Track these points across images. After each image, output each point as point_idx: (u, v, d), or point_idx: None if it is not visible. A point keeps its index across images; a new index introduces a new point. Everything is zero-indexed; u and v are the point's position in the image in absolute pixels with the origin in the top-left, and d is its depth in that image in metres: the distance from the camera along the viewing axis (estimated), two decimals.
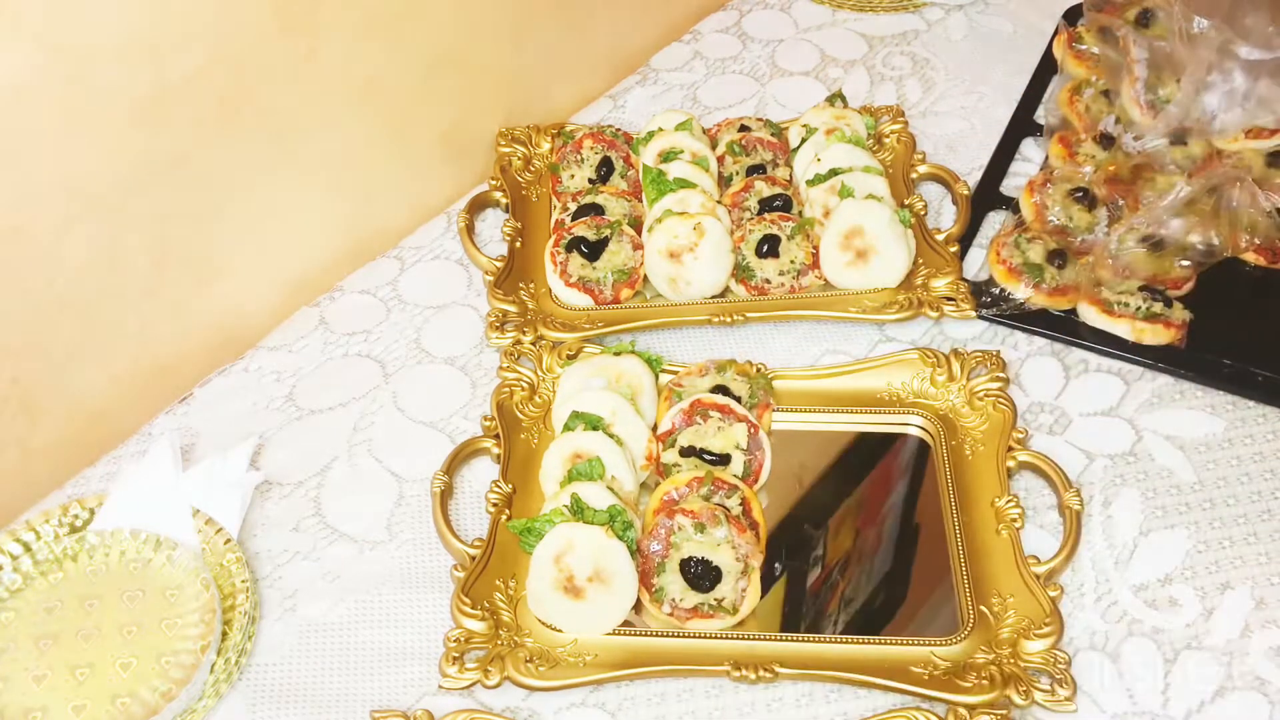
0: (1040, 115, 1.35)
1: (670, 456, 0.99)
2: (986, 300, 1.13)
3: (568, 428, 0.99)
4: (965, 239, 1.20)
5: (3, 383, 0.97)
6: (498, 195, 1.24)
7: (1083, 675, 0.89)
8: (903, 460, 1.05)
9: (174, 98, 0.97)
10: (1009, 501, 0.98)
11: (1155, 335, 1.09)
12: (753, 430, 0.99)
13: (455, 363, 1.12)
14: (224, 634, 0.89)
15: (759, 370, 1.08)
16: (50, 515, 0.95)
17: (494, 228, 1.24)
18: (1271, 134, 1.22)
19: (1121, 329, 1.10)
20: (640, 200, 1.20)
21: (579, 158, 1.25)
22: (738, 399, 1.02)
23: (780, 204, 1.18)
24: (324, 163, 1.14)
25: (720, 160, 1.25)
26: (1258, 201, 1.15)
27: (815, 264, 1.15)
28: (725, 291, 1.15)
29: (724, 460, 0.98)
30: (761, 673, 0.88)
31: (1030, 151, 1.31)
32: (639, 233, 1.17)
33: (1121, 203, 1.17)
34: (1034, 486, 1.01)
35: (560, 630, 0.91)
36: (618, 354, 1.06)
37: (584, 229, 1.15)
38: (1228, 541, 0.97)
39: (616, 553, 0.89)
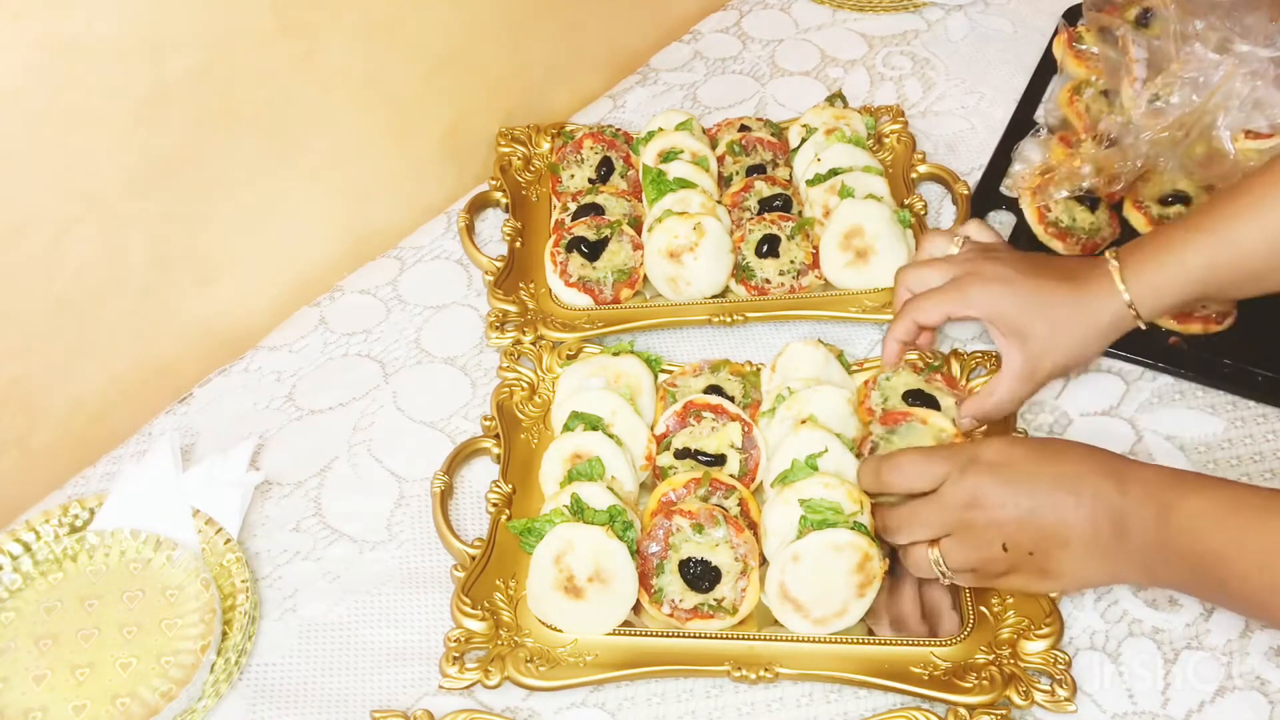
0: (1040, 115, 1.35)
1: (665, 459, 0.99)
2: None
3: (567, 428, 0.99)
4: None
5: (3, 383, 0.97)
6: (498, 195, 1.24)
7: (1083, 675, 0.89)
8: None
9: (174, 98, 0.97)
10: None
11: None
12: (747, 429, 0.99)
13: (455, 363, 1.12)
14: (224, 634, 0.89)
15: (755, 369, 1.08)
16: (50, 515, 0.95)
17: (494, 228, 1.24)
18: (1270, 135, 1.21)
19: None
20: (640, 200, 1.20)
21: (579, 158, 1.25)
22: (731, 399, 1.02)
23: (780, 204, 1.18)
24: (324, 163, 1.14)
25: (720, 160, 1.25)
26: None
27: (815, 264, 1.15)
28: (725, 291, 1.15)
29: (719, 461, 0.98)
30: (762, 673, 0.88)
31: (1030, 151, 1.31)
32: (639, 233, 1.17)
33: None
34: None
35: (560, 630, 0.91)
36: (616, 354, 1.06)
37: (584, 229, 1.15)
38: None
39: (616, 553, 0.89)
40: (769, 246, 1.14)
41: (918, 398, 1.01)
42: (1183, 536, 0.80)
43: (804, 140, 1.25)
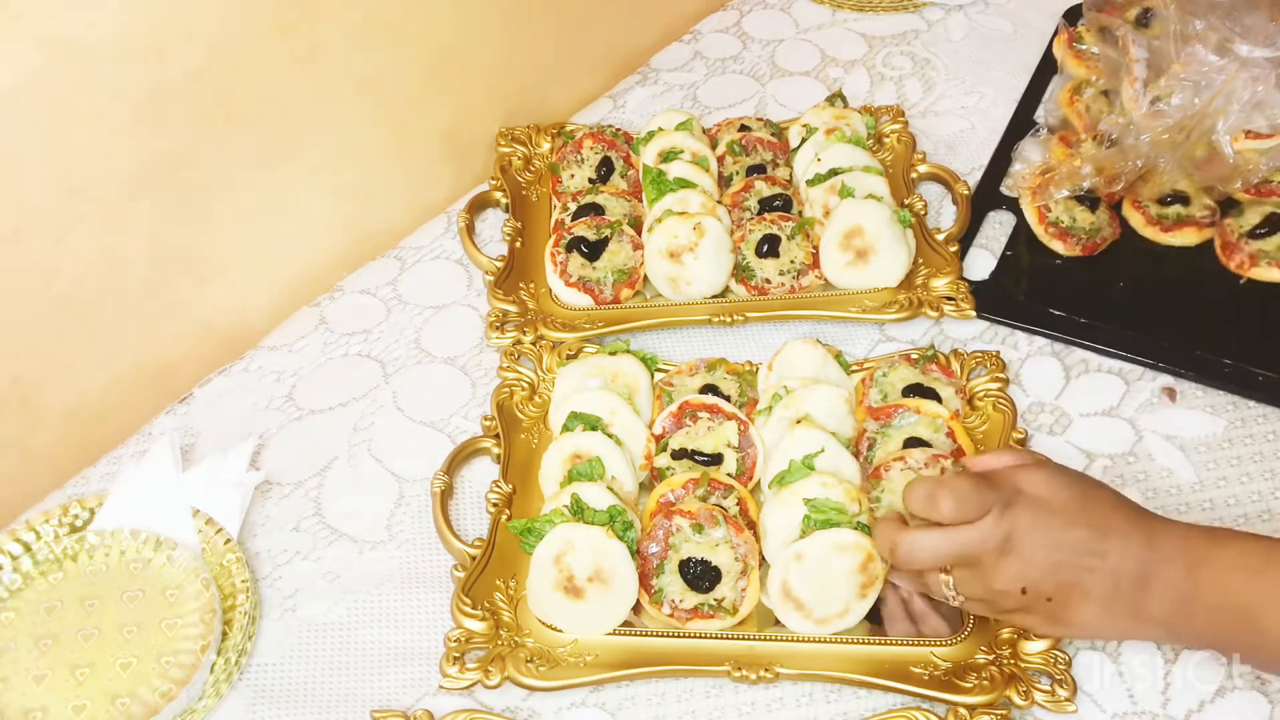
0: (1040, 115, 1.35)
1: (663, 460, 0.99)
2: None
3: (566, 428, 0.99)
4: (965, 239, 1.20)
5: (3, 383, 0.97)
6: (498, 195, 1.24)
7: (1083, 675, 0.89)
8: None
9: (174, 98, 0.97)
10: None
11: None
12: (743, 427, 0.99)
13: (455, 363, 1.12)
14: (224, 634, 0.89)
15: (752, 368, 1.07)
16: (50, 515, 0.95)
17: (494, 228, 1.24)
18: (1270, 135, 1.21)
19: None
20: (640, 200, 1.20)
21: (579, 158, 1.25)
22: (727, 398, 1.02)
23: (780, 204, 1.18)
24: (324, 163, 1.14)
25: (720, 160, 1.25)
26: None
27: (815, 264, 1.14)
28: (725, 291, 1.15)
29: (716, 460, 0.98)
30: (762, 673, 0.88)
31: (1030, 151, 1.31)
32: (639, 233, 1.17)
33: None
34: None
35: (560, 630, 0.91)
36: (613, 353, 1.06)
37: (584, 229, 1.15)
38: None
39: (616, 553, 0.89)
40: (769, 246, 1.14)
41: (917, 392, 1.01)
42: (1214, 590, 0.80)
43: (804, 140, 1.25)
